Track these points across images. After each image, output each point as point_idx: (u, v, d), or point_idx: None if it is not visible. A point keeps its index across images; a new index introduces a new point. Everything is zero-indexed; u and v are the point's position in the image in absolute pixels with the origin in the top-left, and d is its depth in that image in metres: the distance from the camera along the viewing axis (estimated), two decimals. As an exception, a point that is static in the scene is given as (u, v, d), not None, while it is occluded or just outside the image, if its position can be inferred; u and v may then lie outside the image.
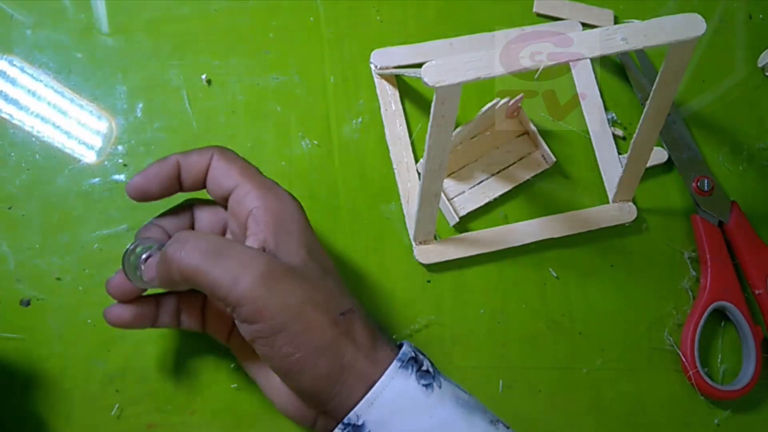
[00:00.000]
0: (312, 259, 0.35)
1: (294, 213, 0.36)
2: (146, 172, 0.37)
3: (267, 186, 0.36)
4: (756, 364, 0.46)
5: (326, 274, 0.35)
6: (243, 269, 0.31)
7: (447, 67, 0.32)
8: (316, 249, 0.36)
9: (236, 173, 0.36)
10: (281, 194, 0.36)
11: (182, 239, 0.33)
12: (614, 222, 0.48)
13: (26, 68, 0.45)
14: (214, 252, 0.32)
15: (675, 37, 0.34)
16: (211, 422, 0.42)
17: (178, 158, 0.37)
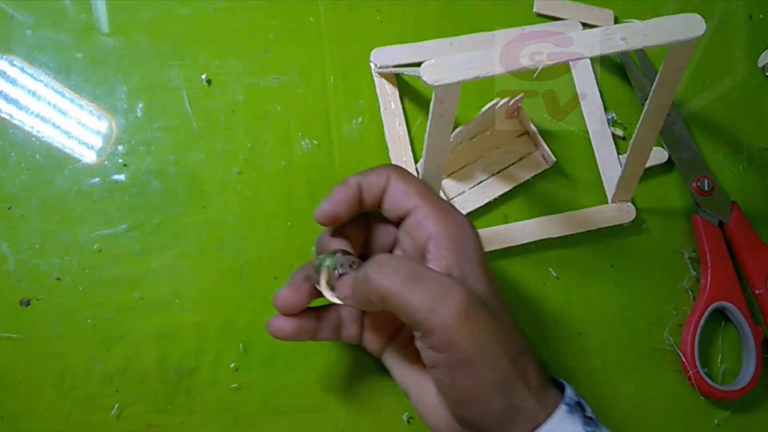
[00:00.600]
0: (492, 292, 0.34)
1: (473, 239, 0.35)
2: (333, 198, 0.37)
3: (446, 210, 0.36)
4: (756, 364, 0.46)
5: (503, 306, 0.35)
6: (441, 299, 0.31)
7: (446, 66, 0.32)
8: (492, 278, 0.35)
9: (414, 194, 0.36)
10: (460, 219, 0.36)
11: (382, 262, 0.33)
12: (613, 222, 0.48)
13: (26, 68, 0.45)
14: (414, 278, 0.32)
15: (674, 37, 0.34)
16: (211, 422, 0.42)
17: (358, 180, 0.37)
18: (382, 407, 0.44)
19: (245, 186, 0.45)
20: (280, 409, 0.43)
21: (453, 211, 0.36)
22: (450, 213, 0.35)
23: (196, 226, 0.44)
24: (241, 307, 0.43)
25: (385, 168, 0.37)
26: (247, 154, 0.46)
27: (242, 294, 0.43)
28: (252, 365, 0.43)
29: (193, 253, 0.44)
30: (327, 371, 0.43)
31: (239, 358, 0.43)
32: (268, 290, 0.44)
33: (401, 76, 0.48)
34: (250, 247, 0.44)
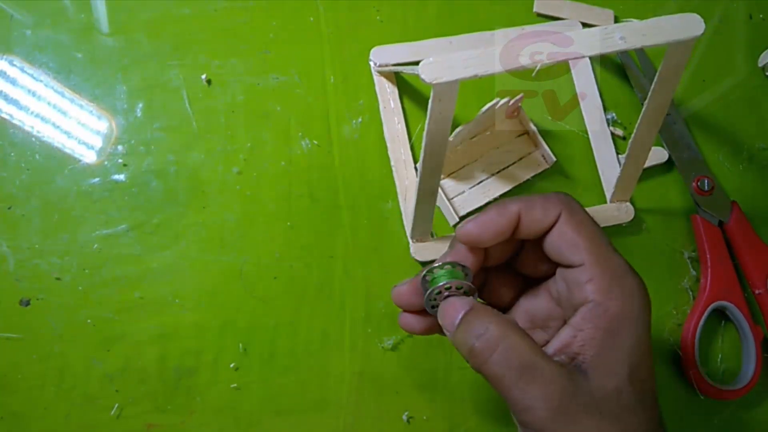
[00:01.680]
0: (630, 383, 0.29)
1: (634, 317, 0.30)
2: (483, 221, 0.32)
3: (615, 275, 0.31)
4: (756, 363, 0.46)
5: (640, 404, 0.29)
6: (539, 400, 0.28)
7: (444, 64, 0.32)
8: (644, 366, 0.30)
9: (584, 248, 0.31)
10: (628, 289, 0.31)
11: (494, 340, 0.30)
12: (612, 222, 0.48)
13: (26, 68, 0.45)
14: (520, 370, 0.29)
15: (673, 36, 0.34)
16: (211, 422, 0.42)
17: (519, 209, 0.32)
18: (382, 407, 0.44)
19: (245, 186, 0.45)
20: (280, 409, 0.43)
21: (624, 275, 0.31)
22: (619, 280, 0.31)
23: (196, 226, 0.44)
24: (241, 307, 0.43)
25: (556, 202, 0.32)
26: (246, 154, 0.46)
27: (242, 294, 0.43)
28: (252, 365, 0.43)
29: (193, 253, 0.44)
30: (327, 371, 0.43)
31: (239, 357, 0.43)
32: (268, 290, 0.44)
33: (401, 75, 0.48)
34: (250, 247, 0.44)
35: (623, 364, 0.29)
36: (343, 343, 0.44)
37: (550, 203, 0.32)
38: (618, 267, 0.31)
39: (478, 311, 0.31)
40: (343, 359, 0.44)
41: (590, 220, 0.32)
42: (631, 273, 0.31)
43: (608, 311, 0.30)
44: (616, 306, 0.30)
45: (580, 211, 0.32)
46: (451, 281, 0.32)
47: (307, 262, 0.45)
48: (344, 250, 0.45)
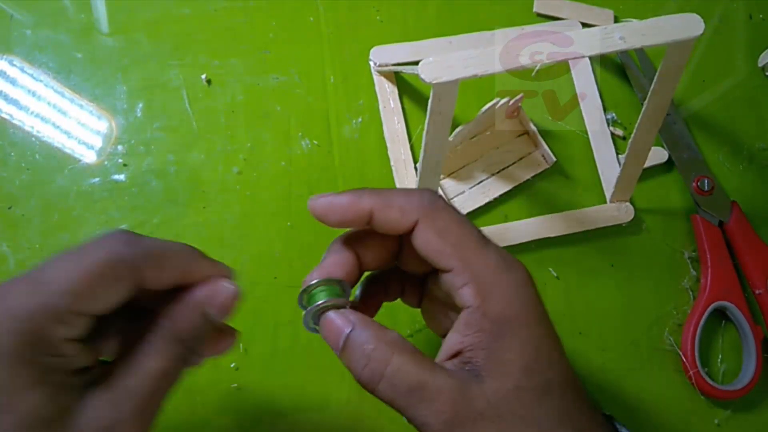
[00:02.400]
0: (529, 379, 0.28)
1: (516, 314, 0.29)
2: (331, 205, 0.31)
3: (490, 276, 0.29)
4: (756, 363, 0.46)
5: (547, 395, 0.28)
6: (432, 416, 0.27)
7: (444, 64, 0.32)
8: (542, 357, 0.29)
9: (450, 255, 0.29)
10: (506, 287, 0.29)
11: (378, 368, 0.29)
12: (611, 222, 0.48)
13: (26, 68, 0.45)
14: (409, 392, 0.28)
15: (673, 36, 0.34)
16: (211, 422, 0.42)
17: (373, 207, 0.30)
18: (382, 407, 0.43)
19: (245, 186, 0.45)
20: (280, 409, 0.43)
21: (501, 275, 0.29)
22: (496, 282, 0.29)
23: (196, 225, 0.44)
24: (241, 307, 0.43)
25: (416, 205, 0.30)
26: (247, 154, 0.46)
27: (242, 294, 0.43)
28: (252, 365, 0.43)
29: (193, 252, 0.44)
30: (327, 371, 0.43)
31: (239, 358, 0.43)
32: (268, 290, 0.44)
33: (400, 75, 0.48)
34: (250, 247, 0.44)
35: (515, 364, 0.28)
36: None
37: (409, 206, 0.30)
38: (492, 266, 0.29)
39: (359, 335, 0.29)
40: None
41: (456, 220, 0.30)
42: (507, 268, 0.29)
43: (488, 314, 0.29)
44: (496, 308, 0.29)
45: (443, 212, 0.30)
46: (329, 300, 0.30)
47: (307, 261, 0.45)
48: (344, 250, 0.45)
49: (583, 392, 0.30)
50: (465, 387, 0.28)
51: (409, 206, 0.30)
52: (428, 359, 0.29)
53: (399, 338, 0.29)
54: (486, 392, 0.28)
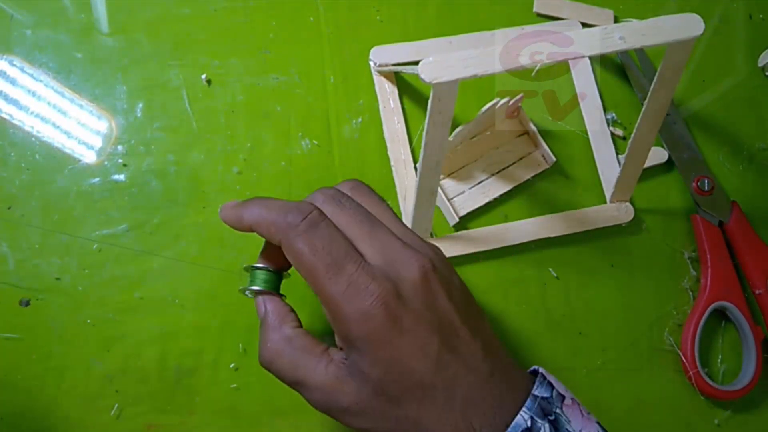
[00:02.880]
0: (384, 389, 0.31)
1: (366, 338, 0.31)
2: (226, 216, 0.36)
3: (335, 305, 0.31)
4: (756, 364, 0.46)
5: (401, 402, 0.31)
6: (312, 401, 0.33)
7: (444, 64, 0.32)
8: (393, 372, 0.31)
9: (305, 277, 0.32)
10: (352, 316, 0.31)
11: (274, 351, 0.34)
12: (611, 222, 0.48)
13: (26, 68, 0.45)
14: (292, 384, 0.34)
15: (673, 36, 0.34)
16: (211, 422, 0.42)
17: (252, 224, 0.34)
18: (382, 407, 0.44)
19: (245, 186, 0.45)
20: (280, 409, 0.43)
21: (346, 305, 0.31)
22: (341, 310, 0.31)
23: (196, 226, 0.44)
24: (241, 307, 0.43)
25: (281, 226, 0.33)
26: (246, 154, 0.46)
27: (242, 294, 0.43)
28: (252, 365, 0.43)
29: (193, 253, 0.44)
30: (327, 371, 0.43)
31: (239, 358, 0.43)
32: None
33: (400, 75, 0.48)
34: (249, 247, 0.44)
35: (369, 376, 0.31)
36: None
37: (274, 228, 0.33)
38: (337, 298, 0.31)
39: (267, 321, 0.35)
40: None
41: (308, 249, 0.32)
42: (351, 299, 0.31)
43: (339, 334, 0.32)
44: (342, 332, 0.32)
45: (299, 240, 0.32)
46: (262, 287, 0.36)
47: (307, 262, 0.45)
48: (344, 250, 0.45)
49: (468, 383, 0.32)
50: (338, 383, 0.32)
51: (274, 228, 0.33)
52: (317, 351, 0.33)
53: (294, 333, 0.34)
54: (353, 390, 0.32)
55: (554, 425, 0.32)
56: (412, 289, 0.32)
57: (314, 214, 0.33)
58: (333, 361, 0.33)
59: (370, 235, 0.34)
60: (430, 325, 0.32)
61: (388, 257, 0.33)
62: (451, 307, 0.32)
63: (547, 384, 0.33)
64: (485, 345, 0.33)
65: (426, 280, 0.32)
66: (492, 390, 0.32)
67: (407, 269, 0.32)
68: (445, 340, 0.32)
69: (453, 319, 0.32)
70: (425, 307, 0.32)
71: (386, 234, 0.34)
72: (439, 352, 0.31)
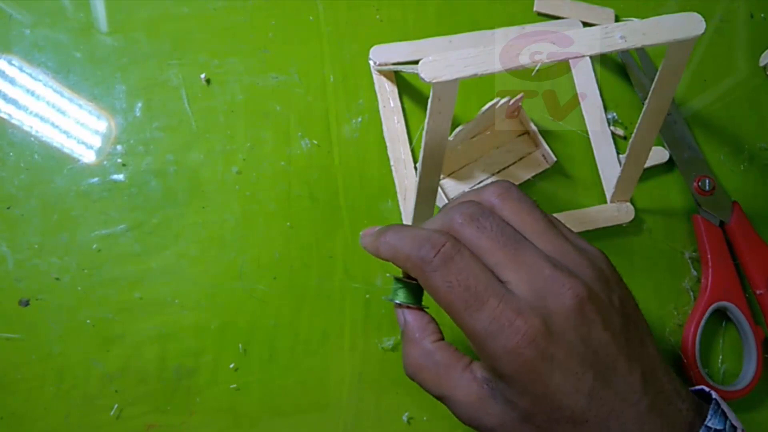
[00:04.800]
0: (532, 419, 0.30)
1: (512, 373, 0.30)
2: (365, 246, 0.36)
3: (480, 341, 0.30)
4: (757, 364, 0.46)
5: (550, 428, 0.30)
6: (456, 414, 0.32)
7: (444, 63, 0.32)
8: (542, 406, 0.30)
9: (447, 311, 0.31)
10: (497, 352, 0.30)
11: (415, 366, 0.34)
12: (611, 222, 0.48)
13: (25, 67, 0.45)
14: (437, 397, 0.33)
15: (674, 36, 0.34)
16: (211, 423, 0.42)
17: (388, 258, 0.34)
18: (382, 407, 0.44)
19: (245, 186, 0.45)
20: (279, 409, 0.43)
21: (488, 342, 0.30)
22: (485, 346, 0.30)
23: (196, 225, 0.44)
24: (241, 307, 0.43)
25: (415, 263, 0.31)
26: (246, 154, 0.46)
27: (242, 294, 0.43)
28: (251, 365, 0.43)
29: (193, 253, 0.43)
30: (327, 371, 0.43)
31: (239, 358, 0.43)
32: (268, 290, 0.44)
33: (400, 74, 0.48)
34: (249, 247, 0.44)
35: (517, 406, 0.30)
36: (343, 343, 0.44)
37: (409, 263, 0.32)
38: (480, 334, 0.30)
39: (406, 334, 0.35)
40: (343, 359, 0.44)
41: (446, 284, 0.30)
42: (495, 335, 0.29)
43: (487, 365, 0.31)
44: (489, 365, 0.31)
45: (434, 277, 0.31)
46: (403, 301, 0.36)
47: (307, 262, 0.45)
48: (344, 250, 0.45)
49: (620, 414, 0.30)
50: (481, 403, 0.31)
51: (409, 264, 0.32)
52: (459, 366, 0.32)
53: (435, 347, 0.33)
54: (497, 412, 0.31)
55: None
56: (563, 322, 0.29)
57: (447, 247, 0.31)
58: (476, 379, 0.32)
59: (515, 260, 0.31)
60: (584, 360, 0.29)
61: (536, 285, 0.30)
62: (608, 337, 0.30)
63: (720, 413, 0.31)
64: (644, 374, 0.31)
65: (580, 311, 0.30)
66: (651, 425, 0.30)
67: (558, 301, 0.30)
68: (600, 374, 0.30)
69: (609, 351, 0.30)
70: (579, 341, 0.29)
71: (534, 257, 0.31)
72: (592, 388, 0.29)
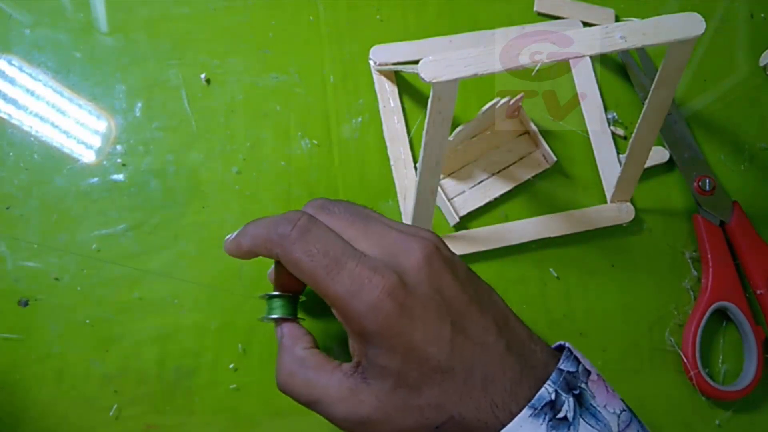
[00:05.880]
0: (404, 379, 0.31)
1: (378, 329, 0.31)
2: (228, 248, 0.36)
3: (342, 303, 0.31)
4: (757, 364, 0.46)
5: (422, 390, 0.31)
6: (331, 417, 0.33)
7: (444, 63, 0.32)
8: (412, 360, 0.31)
9: (309, 282, 0.32)
10: (361, 310, 0.31)
11: (283, 376, 0.35)
12: (612, 222, 0.48)
13: (25, 67, 0.45)
14: (307, 404, 0.34)
15: (674, 36, 0.34)
16: (211, 423, 0.42)
17: (251, 247, 0.35)
18: (382, 408, 0.43)
19: (244, 186, 0.45)
20: (279, 410, 0.42)
21: (352, 301, 0.31)
22: (349, 306, 0.31)
23: (195, 225, 0.44)
24: (241, 307, 0.43)
25: (275, 241, 0.33)
26: (246, 154, 0.45)
27: (242, 294, 0.43)
28: (251, 366, 0.43)
29: (192, 253, 0.43)
30: (326, 371, 0.43)
31: (238, 358, 0.43)
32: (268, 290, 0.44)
33: (400, 74, 0.48)
34: (249, 247, 0.44)
35: (389, 368, 0.31)
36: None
37: (270, 244, 0.33)
38: (342, 295, 0.31)
39: (281, 344, 0.36)
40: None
41: (306, 253, 0.32)
42: (356, 294, 0.31)
43: (352, 331, 0.32)
44: (355, 327, 0.31)
45: (294, 249, 0.32)
46: (280, 315, 0.37)
47: (307, 262, 0.44)
48: (344, 250, 0.45)
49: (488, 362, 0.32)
50: (353, 394, 0.32)
51: (270, 244, 0.33)
52: (329, 367, 0.34)
53: (306, 353, 0.35)
54: (372, 394, 0.32)
55: (579, 400, 0.32)
56: (416, 274, 0.32)
57: (303, 220, 0.33)
58: (346, 374, 0.33)
59: (365, 231, 0.33)
60: (440, 308, 0.31)
61: (387, 248, 0.33)
62: (458, 287, 0.32)
63: (573, 358, 0.33)
64: (497, 320, 0.33)
65: (429, 262, 0.32)
66: (511, 365, 0.32)
67: (408, 256, 0.32)
68: (456, 321, 0.32)
69: (461, 299, 0.32)
70: (433, 291, 0.32)
71: (381, 227, 0.34)
72: (452, 334, 0.31)
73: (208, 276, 0.43)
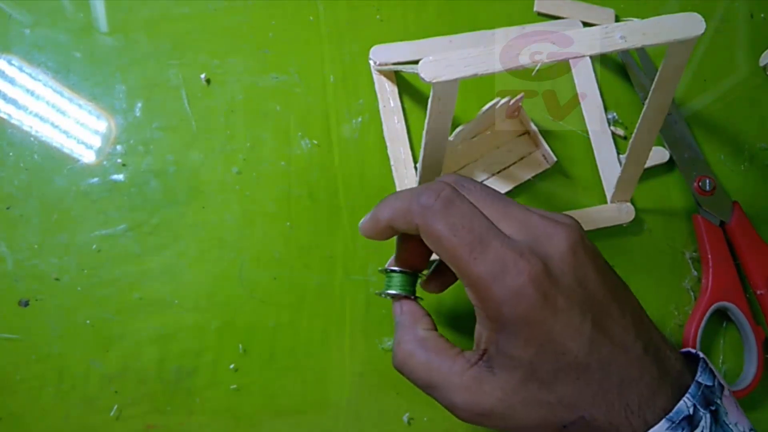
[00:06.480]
0: (535, 373, 0.30)
1: (520, 313, 0.29)
2: (363, 228, 0.35)
3: (485, 283, 0.30)
4: (757, 364, 0.46)
5: (552, 386, 0.30)
6: (450, 405, 0.31)
7: (444, 63, 0.32)
8: (547, 352, 0.29)
9: (449, 261, 0.31)
10: (505, 292, 0.29)
11: (401, 357, 0.33)
12: (612, 222, 0.48)
13: (25, 67, 0.45)
14: (425, 387, 0.32)
15: (674, 36, 0.34)
16: (211, 423, 0.42)
17: (389, 221, 0.33)
18: (382, 407, 0.43)
19: (244, 186, 0.45)
20: (279, 410, 0.42)
21: (496, 281, 0.29)
22: (492, 287, 0.29)
23: (195, 226, 0.44)
24: (241, 307, 0.43)
25: (416, 213, 0.31)
26: (246, 154, 0.45)
27: (242, 294, 0.43)
28: (251, 366, 0.43)
29: (192, 253, 0.43)
30: (327, 371, 0.43)
31: (238, 358, 0.43)
32: (268, 290, 0.44)
33: (400, 74, 0.48)
34: (249, 247, 0.44)
35: (521, 359, 0.30)
36: (343, 343, 0.44)
37: (410, 215, 0.32)
38: (485, 275, 0.30)
39: (400, 322, 0.35)
40: (343, 359, 0.44)
41: (450, 227, 0.30)
42: (501, 275, 0.29)
43: (488, 315, 0.30)
44: (493, 311, 0.30)
45: (437, 221, 0.31)
46: (399, 291, 0.36)
47: (307, 262, 0.44)
48: (344, 250, 0.45)
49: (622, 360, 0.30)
50: (477, 384, 0.30)
51: (410, 216, 0.32)
52: (452, 353, 0.32)
53: (428, 335, 0.33)
54: (498, 385, 0.30)
55: (714, 416, 0.30)
56: (561, 263, 0.30)
57: (447, 191, 0.31)
58: (468, 360, 0.31)
59: (505, 213, 0.32)
60: (583, 302, 0.30)
61: (530, 233, 0.31)
62: (600, 280, 0.31)
63: (709, 371, 0.32)
64: (635, 321, 0.31)
65: (574, 251, 0.31)
66: (648, 369, 0.30)
67: (552, 243, 0.30)
68: (597, 318, 0.30)
69: (603, 294, 0.31)
70: (576, 282, 0.30)
71: (523, 210, 0.32)
72: (592, 330, 0.30)
73: (209, 276, 0.43)
